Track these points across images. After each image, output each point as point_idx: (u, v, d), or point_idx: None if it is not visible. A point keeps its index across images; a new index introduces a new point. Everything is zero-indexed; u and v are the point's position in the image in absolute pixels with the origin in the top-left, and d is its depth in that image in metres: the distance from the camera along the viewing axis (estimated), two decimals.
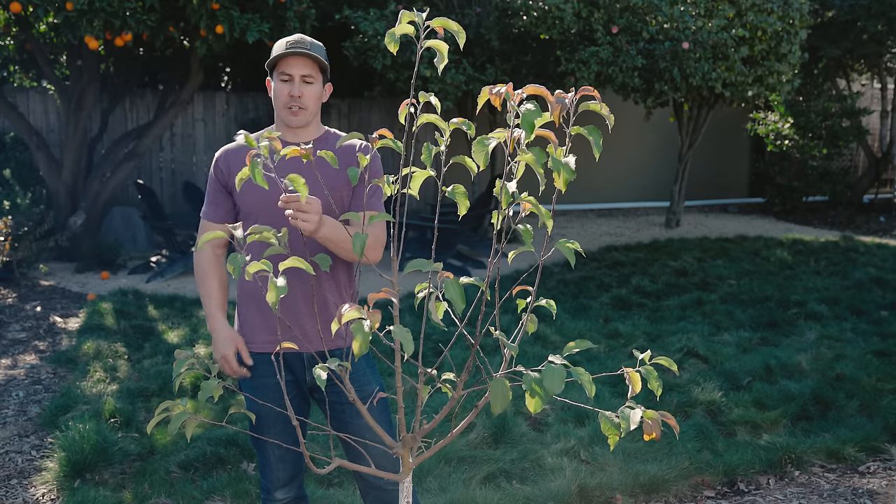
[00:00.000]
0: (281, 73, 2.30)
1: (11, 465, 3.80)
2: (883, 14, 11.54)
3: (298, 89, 2.29)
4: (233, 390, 2.01)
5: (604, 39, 8.70)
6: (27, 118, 9.10)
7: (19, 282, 7.43)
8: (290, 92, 2.29)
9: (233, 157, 2.39)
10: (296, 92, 2.29)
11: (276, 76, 2.31)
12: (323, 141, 2.41)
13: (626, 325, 6.17)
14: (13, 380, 4.95)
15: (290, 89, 2.29)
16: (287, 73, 2.29)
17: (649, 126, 12.40)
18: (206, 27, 7.37)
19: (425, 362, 1.63)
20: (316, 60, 2.29)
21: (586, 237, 10.84)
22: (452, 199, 1.58)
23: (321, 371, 1.57)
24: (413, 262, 1.53)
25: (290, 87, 2.29)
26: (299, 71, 2.29)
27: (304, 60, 2.28)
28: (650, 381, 1.62)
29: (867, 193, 14.27)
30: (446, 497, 3.35)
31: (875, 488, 3.65)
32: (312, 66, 2.30)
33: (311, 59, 2.28)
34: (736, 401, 4.52)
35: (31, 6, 6.99)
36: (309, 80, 2.31)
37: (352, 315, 1.48)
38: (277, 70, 2.30)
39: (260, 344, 2.38)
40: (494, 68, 8.77)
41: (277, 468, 2.42)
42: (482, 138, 1.50)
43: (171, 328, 5.96)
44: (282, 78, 2.30)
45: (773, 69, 9.63)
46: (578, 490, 3.43)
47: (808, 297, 7.15)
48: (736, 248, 9.97)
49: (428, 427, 1.71)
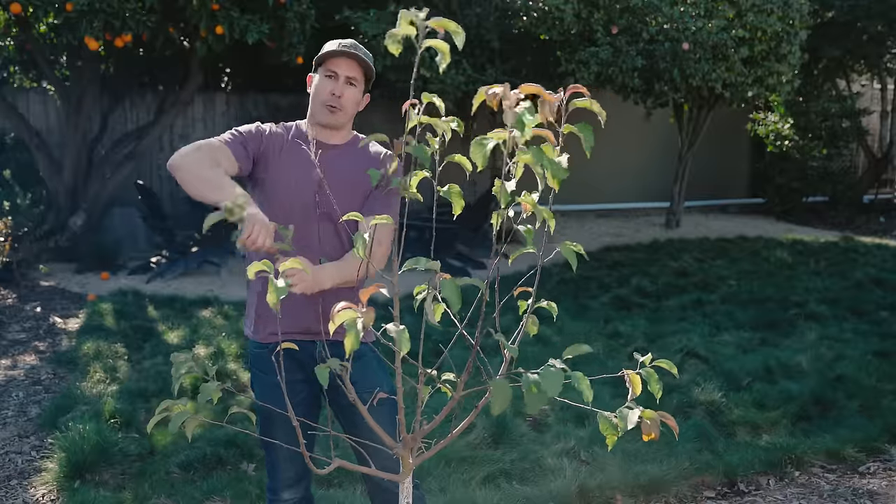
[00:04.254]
0: (327, 70, 2.30)
1: (11, 466, 3.80)
2: (883, 14, 11.53)
3: (341, 89, 2.30)
4: (232, 391, 2.00)
5: (604, 40, 8.70)
6: (27, 119, 9.10)
7: (19, 282, 7.42)
8: (333, 90, 2.29)
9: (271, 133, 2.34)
10: (339, 91, 2.29)
11: (321, 72, 2.32)
12: (350, 146, 2.41)
13: (626, 326, 6.17)
14: (13, 380, 4.95)
15: (333, 87, 2.29)
16: (333, 71, 2.30)
17: (649, 126, 12.39)
18: (206, 28, 7.36)
19: (425, 363, 1.62)
20: (363, 65, 2.31)
21: (586, 237, 10.84)
22: (448, 199, 1.58)
23: (324, 371, 1.57)
24: (410, 261, 1.52)
25: (333, 85, 2.30)
26: (346, 71, 2.30)
27: (352, 62, 2.30)
28: (650, 383, 1.62)
29: (867, 194, 14.26)
30: (447, 497, 3.35)
31: (875, 489, 3.64)
32: (359, 69, 2.32)
33: (360, 62, 2.30)
34: (736, 401, 4.52)
35: (31, 7, 6.99)
36: (353, 82, 2.32)
37: (346, 315, 1.48)
38: (325, 67, 2.31)
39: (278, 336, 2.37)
40: (494, 69, 8.77)
41: (286, 468, 2.40)
42: (480, 138, 1.50)
43: (172, 329, 5.96)
44: (327, 74, 2.30)
45: (773, 70, 9.63)
46: (578, 490, 3.43)
47: (809, 297, 7.15)
48: (736, 248, 9.97)
49: (428, 427, 1.71)
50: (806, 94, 13.15)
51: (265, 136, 2.34)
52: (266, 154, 2.32)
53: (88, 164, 9.04)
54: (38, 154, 8.75)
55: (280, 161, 2.33)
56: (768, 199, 13.68)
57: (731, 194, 14.42)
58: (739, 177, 14.62)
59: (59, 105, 9.32)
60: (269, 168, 2.32)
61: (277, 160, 2.33)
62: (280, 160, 2.33)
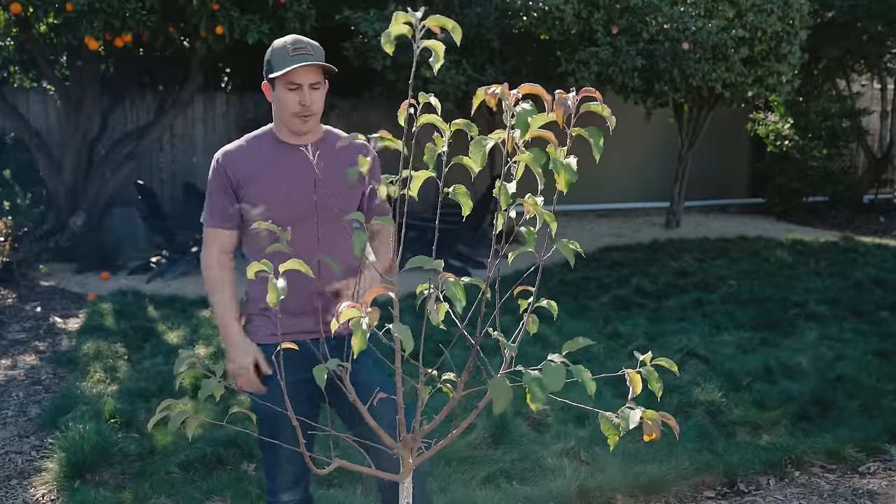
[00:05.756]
0: (288, 83, 2.26)
1: (11, 466, 3.80)
2: (883, 14, 11.53)
3: (308, 97, 2.27)
4: (233, 390, 2.00)
5: (604, 40, 8.70)
6: (27, 119, 9.10)
7: (19, 282, 7.43)
8: (301, 101, 2.27)
9: (235, 157, 2.37)
10: (307, 101, 2.27)
11: (282, 84, 2.27)
12: (324, 142, 2.40)
13: (626, 326, 6.17)
14: (13, 380, 4.95)
15: (301, 98, 2.27)
16: (295, 83, 2.26)
17: (649, 126, 12.39)
18: (206, 28, 7.37)
19: (426, 363, 1.62)
20: (321, 65, 2.27)
21: (586, 237, 10.84)
22: (455, 200, 1.58)
23: (321, 371, 1.57)
24: (414, 259, 1.52)
25: (299, 96, 2.27)
26: (308, 79, 2.27)
27: (311, 68, 2.26)
28: (651, 382, 1.62)
29: (867, 193, 14.27)
30: (447, 497, 3.35)
31: (875, 489, 3.64)
32: (319, 72, 2.29)
33: (318, 66, 2.27)
34: (736, 401, 4.52)
35: (31, 7, 6.99)
36: (316, 86, 2.29)
37: (351, 313, 1.48)
38: (285, 80, 2.26)
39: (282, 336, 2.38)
40: (494, 69, 8.77)
41: (286, 469, 2.38)
42: (480, 139, 1.50)
43: (172, 329, 5.96)
44: (289, 87, 2.27)
45: (773, 70, 9.63)
46: (578, 490, 3.43)
47: (809, 297, 7.15)
48: (736, 248, 9.97)
49: (428, 427, 1.71)
50: (806, 94, 13.15)
51: (221, 182, 2.36)
52: (241, 183, 2.34)
53: (88, 164, 9.04)
54: (38, 154, 8.75)
55: (266, 175, 2.34)
56: (768, 199, 13.68)
57: (731, 194, 14.42)
58: (739, 177, 14.63)
59: (59, 105, 9.32)
60: (255, 184, 2.34)
61: (263, 175, 2.34)
62: (267, 174, 2.34)
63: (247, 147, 2.39)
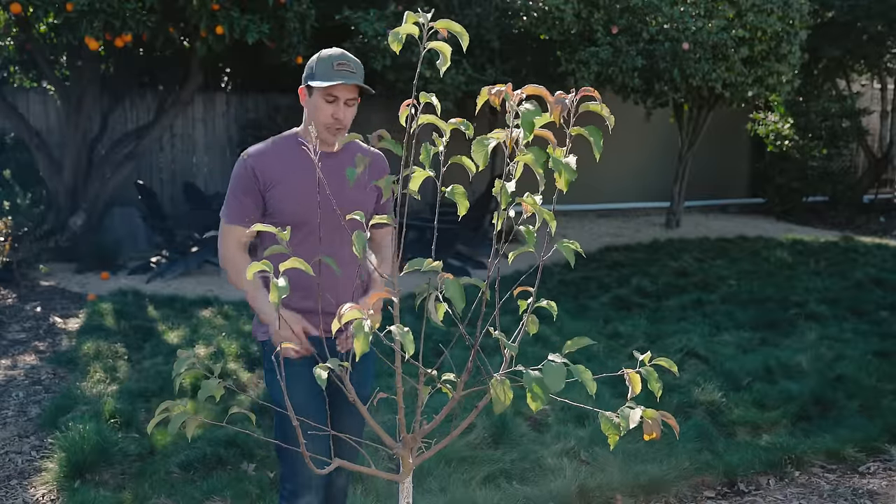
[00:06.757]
0: (327, 95, 2.34)
1: (11, 466, 3.80)
2: (883, 14, 11.53)
3: (343, 112, 2.37)
4: (233, 390, 2.00)
5: (604, 40, 8.70)
6: (27, 119, 9.09)
7: (19, 282, 7.42)
8: (335, 114, 2.36)
9: (265, 159, 2.43)
10: (340, 115, 2.36)
11: (320, 94, 2.35)
12: (347, 150, 2.49)
13: (626, 326, 6.17)
14: (13, 380, 4.95)
15: (335, 111, 2.36)
16: (334, 95, 2.35)
17: (649, 126, 12.39)
18: (206, 28, 7.36)
19: (425, 363, 1.63)
20: (360, 84, 2.37)
21: (586, 237, 10.84)
22: (452, 199, 1.59)
23: (321, 371, 1.57)
24: (411, 262, 1.53)
25: (334, 109, 2.36)
26: (345, 95, 2.36)
27: (350, 85, 2.35)
28: (650, 382, 1.62)
29: (867, 193, 14.26)
30: (447, 497, 3.35)
31: (875, 489, 3.64)
32: (356, 89, 2.38)
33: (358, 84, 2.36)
34: (736, 401, 4.52)
35: (31, 7, 6.99)
36: (351, 102, 2.39)
37: (352, 315, 1.48)
38: (325, 91, 2.34)
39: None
40: (494, 69, 8.77)
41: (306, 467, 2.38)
42: (481, 138, 1.50)
43: (172, 329, 5.96)
44: (327, 99, 2.35)
45: (773, 70, 9.63)
46: (578, 490, 3.43)
47: (809, 297, 7.15)
48: (736, 248, 9.97)
49: (428, 427, 1.72)
50: (806, 94, 13.16)
51: (249, 182, 2.41)
52: (268, 185, 2.41)
53: (88, 164, 9.04)
54: (38, 154, 8.75)
55: (293, 178, 2.41)
56: (768, 199, 13.68)
57: (731, 194, 14.42)
58: (739, 177, 14.62)
59: (59, 105, 9.32)
60: (283, 186, 2.41)
61: (290, 178, 2.41)
62: (294, 177, 2.41)
63: (275, 149, 2.46)
